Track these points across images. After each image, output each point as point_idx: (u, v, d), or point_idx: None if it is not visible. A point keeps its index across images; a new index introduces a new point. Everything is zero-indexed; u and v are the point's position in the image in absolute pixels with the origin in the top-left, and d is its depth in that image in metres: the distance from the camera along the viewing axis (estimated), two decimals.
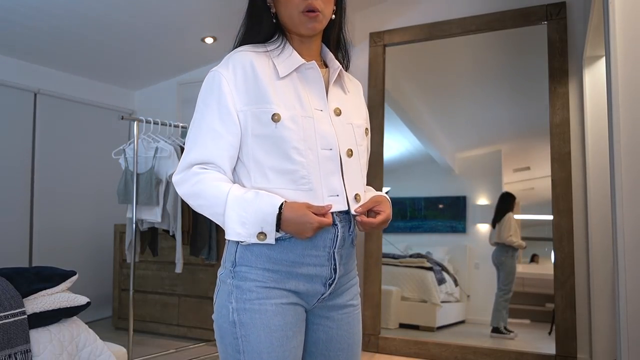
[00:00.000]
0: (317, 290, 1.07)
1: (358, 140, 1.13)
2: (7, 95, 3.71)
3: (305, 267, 1.05)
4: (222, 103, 1.05)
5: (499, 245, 3.42)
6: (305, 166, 1.04)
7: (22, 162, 3.82)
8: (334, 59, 1.17)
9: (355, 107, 1.19)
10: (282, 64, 1.09)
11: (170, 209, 2.90)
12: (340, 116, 1.11)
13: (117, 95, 4.60)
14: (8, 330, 1.68)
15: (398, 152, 3.66)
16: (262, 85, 1.05)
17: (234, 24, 1.26)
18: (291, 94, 1.07)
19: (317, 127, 1.06)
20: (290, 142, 1.03)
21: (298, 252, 1.04)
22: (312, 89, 1.10)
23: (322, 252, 1.06)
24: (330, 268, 1.07)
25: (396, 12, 3.59)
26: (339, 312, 1.13)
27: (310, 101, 1.08)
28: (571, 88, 3.05)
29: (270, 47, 1.12)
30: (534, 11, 3.15)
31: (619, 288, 1.60)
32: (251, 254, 1.04)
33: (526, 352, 3.03)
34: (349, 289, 1.15)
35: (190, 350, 3.33)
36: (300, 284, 1.05)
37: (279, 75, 1.07)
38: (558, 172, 3.02)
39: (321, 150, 1.05)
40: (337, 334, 1.12)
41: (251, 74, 1.06)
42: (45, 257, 3.83)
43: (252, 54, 1.09)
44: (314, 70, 1.10)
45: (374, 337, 3.38)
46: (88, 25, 3.34)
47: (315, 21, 1.08)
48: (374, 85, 3.56)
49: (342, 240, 1.08)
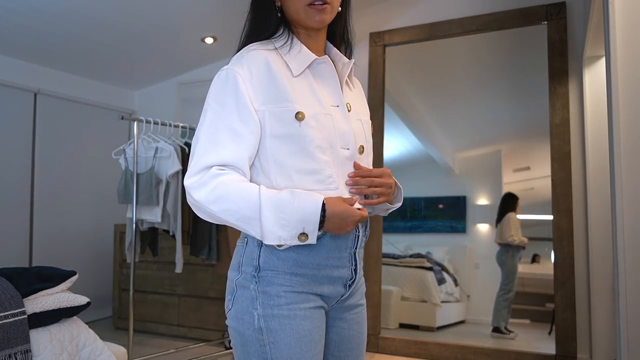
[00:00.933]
0: (338, 292, 1.06)
1: (367, 136, 1.11)
2: (7, 95, 3.71)
3: (330, 269, 1.03)
4: (240, 101, 0.99)
5: (501, 245, 3.43)
6: (331, 165, 1.01)
7: (22, 162, 3.82)
8: (340, 54, 1.14)
9: (361, 102, 1.17)
10: (293, 60, 1.05)
11: (170, 209, 2.90)
12: (351, 112, 1.09)
13: (117, 95, 4.60)
14: (8, 330, 1.68)
15: (398, 152, 3.66)
16: (280, 83, 1.01)
17: (234, 24, 1.25)
18: (307, 91, 1.03)
19: (336, 125, 1.04)
20: (315, 141, 1.00)
21: (323, 255, 1.02)
22: (327, 85, 1.07)
23: (344, 253, 1.04)
24: (351, 269, 1.06)
25: (396, 12, 3.59)
26: (351, 313, 1.11)
27: (327, 97, 1.05)
28: (571, 88, 3.05)
29: (278, 44, 1.07)
30: (534, 11, 3.15)
31: (619, 288, 1.60)
32: (277, 259, 1.00)
33: (526, 352, 3.04)
34: (359, 288, 1.14)
35: (190, 350, 3.33)
36: (325, 286, 1.03)
37: (292, 73, 1.04)
38: (558, 172, 3.02)
39: (340, 150, 1.03)
40: (349, 334, 1.10)
41: (267, 72, 1.02)
42: (45, 257, 3.83)
43: (265, 51, 1.05)
44: (327, 65, 1.07)
45: (374, 337, 3.38)
46: (88, 26, 3.34)
47: (324, 13, 1.04)
48: (374, 85, 3.56)
49: (361, 241, 1.08)
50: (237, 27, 1.22)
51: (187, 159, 3.01)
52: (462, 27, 3.34)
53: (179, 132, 3.90)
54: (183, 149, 3.01)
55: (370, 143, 1.13)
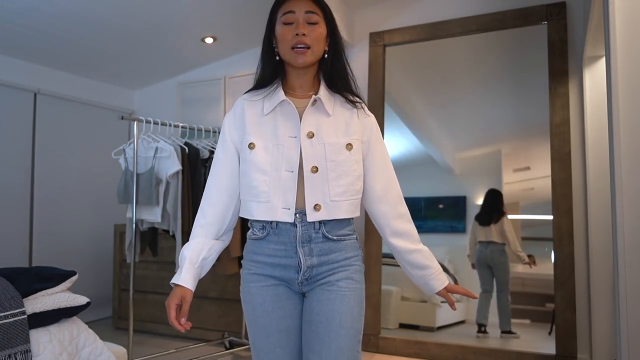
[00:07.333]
0: (292, 276, 1.34)
1: (329, 156, 1.32)
2: (7, 95, 3.71)
3: (278, 258, 1.33)
4: (224, 137, 1.44)
5: (496, 245, 3.40)
6: (268, 184, 1.31)
7: (22, 162, 3.82)
8: (321, 89, 1.38)
9: (335, 125, 1.36)
10: (268, 102, 1.36)
11: (170, 209, 2.90)
12: (312, 138, 1.33)
13: (117, 95, 4.60)
14: (8, 330, 1.68)
15: (398, 152, 3.66)
16: (246, 123, 1.37)
17: (234, 24, 1.27)
18: (270, 126, 1.35)
19: (285, 152, 1.32)
20: (259, 165, 1.31)
21: (270, 247, 1.33)
22: (287, 120, 1.35)
23: (288, 247, 1.32)
24: (298, 259, 1.32)
25: (396, 12, 3.59)
26: (324, 290, 1.33)
27: (286, 130, 1.33)
28: (571, 88, 3.05)
29: (268, 92, 1.38)
30: (534, 11, 3.15)
31: (619, 288, 1.60)
32: (245, 249, 1.41)
33: (526, 352, 3.04)
34: (337, 273, 1.34)
35: (190, 350, 3.33)
36: (277, 270, 1.34)
37: (264, 112, 1.36)
38: (558, 172, 3.02)
39: (284, 172, 1.31)
40: (318, 307, 1.31)
41: (241, 116, 1.39)
42: (45, 257, 3.83)
43: (247, 101, 1.40)
44: (289, 105, 1.35)
45: (374, 337, 3.38)
46: (88, 25, 3.34)
47: (305, 55, 1.31)
48: (374, 85, 3.56)
49: (306, 236, 1.31)
50: (237, 27, 1.25)
51: (186, 159, 3.01)
52: (462, 27, 3.34)
53: (179, 132, 3.90)
54: (183, 149, 3.01)
55: (335, 161, 1.32)
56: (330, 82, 1.39)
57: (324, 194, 1.31)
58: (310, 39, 1.31)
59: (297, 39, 1.30)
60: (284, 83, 1.39)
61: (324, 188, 1.31)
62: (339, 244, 1.34)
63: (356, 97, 1.41)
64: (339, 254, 1.34)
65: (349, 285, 1.33)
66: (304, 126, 1.33)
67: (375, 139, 1.43)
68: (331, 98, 1.38)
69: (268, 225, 1.33)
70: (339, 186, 1.32)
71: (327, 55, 1.38)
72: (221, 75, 4.24)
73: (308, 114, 1.34)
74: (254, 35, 3.86)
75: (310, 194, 1.30)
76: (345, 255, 1.35)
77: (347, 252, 1.35)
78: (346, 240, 1.35)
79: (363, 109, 1.42)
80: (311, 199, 1.30)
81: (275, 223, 1.31)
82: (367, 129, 1.40)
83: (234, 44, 3.97)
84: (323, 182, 1.31)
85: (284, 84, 1.39)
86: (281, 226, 1.31)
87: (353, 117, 1.39)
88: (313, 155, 1.32)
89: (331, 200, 1.31)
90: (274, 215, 1.30)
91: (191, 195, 2.98)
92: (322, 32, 1.35)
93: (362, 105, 1.42)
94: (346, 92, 1.40)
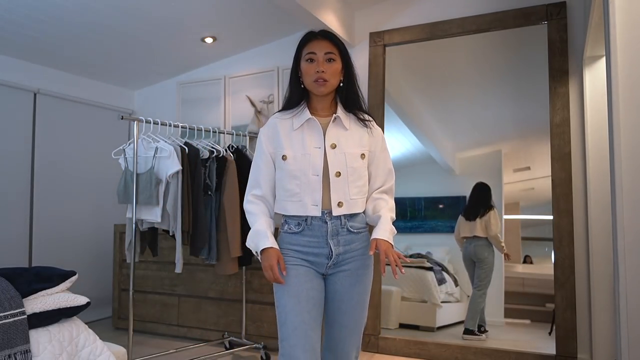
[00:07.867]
0: (323, 262, 1.69)
1: (349, 163, 1.68)
2: (7, 95, 3.71)
3: (311, 247, 1.69)
4: (261, 148, 1.80)
5: (482, 240, 3.37)
6: (299, 186, 1.66)
7: (22, 162, 3.82)
8: (339, 109, 1.75)
9: (352, 138, 1.72)
10: (297, 119, 1.72)
11: (170, 209, 2.90)
12: (335, 148, 1.68)
13: (117, 95, 4.60)
14: (8, 331, 1.68)
15: (398, 152, 3.66)
16: (280, 137, 1.72)
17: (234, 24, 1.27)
18: (299, 139, 1.70)
19: (311, 160, 1.67)
20: (291, 172, 1.67)
21: (305, 239, 1.69)
22: (313, 134, 1.70)
23: (320, 240, 1.68)
24: (329, 249, 1.68)
25: (396, 12, 3.59)
26: (344, 274, 1.71)
27: (312, 142, 1.69)
28: (571, 88, 3.05)
29: (296, 112, 1.74)
30: (534, 11, 3.15)
31: (619, 288, 1.60)
32: (281, 240, 1.74)
33: (526, 352, 3.03)
34: (354, 261, 1.72)
35: (190, 351, 3.33)
36: (310, 257, 1.69)
37: (293, 128, 1.71)
38: (558, 172, 3.02)
39: (311, 176, 1.66)
40: (341, 288, 1.71)
41: (274, 131, 1.74)
42: (45, 257, 3.83)
43: (278, 120, 1.75)
44: (314, 122, 1.71)
45: (374, 337, 3.38)
46: (88, 26, 3.34)
47: (324, 87, 1.68)
48: (374, 85, 3.56)
49: (334, 231, 1.68)
50: (237, 27, 1.24)
51: (186, 159, 3.01)
52: (463, 27, 3.34)
53: (178, 132, 3.90)
54: (183, 149, 3.01)
55: (353, 167, 1.69)
56: (346, 104, 1.75)
57: (345, 194, 1.67)
58: (329, 75, 1.67)
59: (318, 75, 1.66)
60: (308, 105, 1.74)
61: (344, 189, 1.67)
62: (357, 236, 1.72)
63: (366, 115, 1.77)
64: (357, 244, 1.72)
65: (364, 272, 1.74)
66: (328, 139, 1.69)
67: (381, 148, 1.78)
68: (347, 116, 1.74)
69: (303, 222, 1.68)
70: (355, 187, 1.69)
71: (343, 84, 1.74)
72: (221, 75, 4.24)
73: (330, 129, 1.70)
74: (254, 35, 3.87)
75: (335, 193, 1.66)
76: (362, 245, 1.74)
77: (362, 242, 1.74)
78: (362, 232, 1.74)
79: (372, 126, 1.77)
80: (335, 197, 1.66)
81: (309, 220, 1.66)
82: (375, 142, 1.76)
83: (234, 44, 3.97)
84: (344, 184, 1.67)
85: (309, 106, 1.74)
86: (314, 223, 1.67)
87: (365, 131, 1.75)
88: (336, 163, 1.67)
89: (350, 198, 1.68)
90: (305, 211, 1.66)
91: (191, 195, 2.98)
92: (338, 67, 1.71)
93: (372, 124, 1.77)
94: (358, 111, 1.76)
